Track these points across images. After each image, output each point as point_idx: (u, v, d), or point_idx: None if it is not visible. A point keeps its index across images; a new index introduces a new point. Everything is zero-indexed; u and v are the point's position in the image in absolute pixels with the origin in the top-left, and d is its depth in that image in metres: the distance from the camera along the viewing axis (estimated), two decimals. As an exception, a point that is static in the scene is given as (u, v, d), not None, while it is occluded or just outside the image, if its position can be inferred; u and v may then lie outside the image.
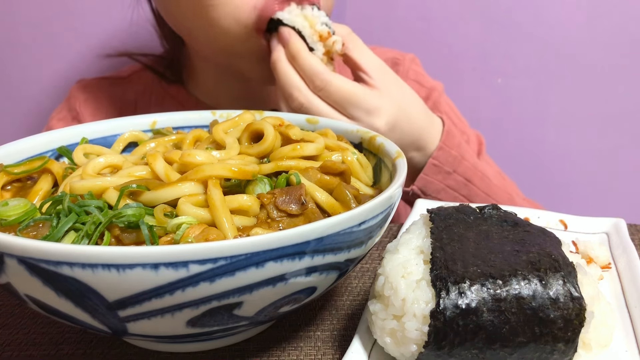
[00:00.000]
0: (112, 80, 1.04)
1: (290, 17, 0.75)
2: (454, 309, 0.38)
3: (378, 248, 0.67)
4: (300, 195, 0.45)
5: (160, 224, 0.42)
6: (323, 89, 0.72)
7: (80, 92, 1.01)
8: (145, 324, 0.38)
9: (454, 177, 0.83)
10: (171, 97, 0.99)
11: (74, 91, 1.02)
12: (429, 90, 1.01)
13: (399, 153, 0.53)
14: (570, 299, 0.38)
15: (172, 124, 0.66)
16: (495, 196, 0.87)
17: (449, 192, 0.83)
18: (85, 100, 0.99)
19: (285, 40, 0.74)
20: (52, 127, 0.99)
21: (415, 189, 0.82)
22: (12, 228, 0.44)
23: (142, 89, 1.02)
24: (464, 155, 0.84)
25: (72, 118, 0.99)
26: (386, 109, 0.74)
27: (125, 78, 1.04)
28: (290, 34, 0.74)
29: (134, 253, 0.33)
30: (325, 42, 0.76)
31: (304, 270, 0.38)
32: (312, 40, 0.75)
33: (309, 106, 0.72)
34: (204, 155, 0.48)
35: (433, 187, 0.82)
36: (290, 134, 0.53)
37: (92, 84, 1.02)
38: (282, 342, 0.50)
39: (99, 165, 0.50)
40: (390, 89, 0.76)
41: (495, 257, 0.40)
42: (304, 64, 0.72)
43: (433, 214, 0.46)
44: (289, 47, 0.73)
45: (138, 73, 1.04)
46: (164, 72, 1.01)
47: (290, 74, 0.73)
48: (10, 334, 0.51)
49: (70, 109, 1.00)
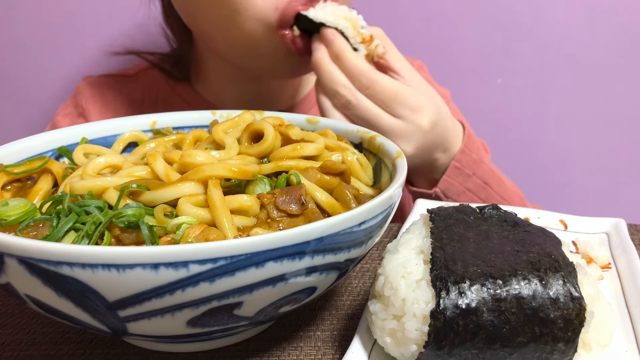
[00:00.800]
0: (118, 77, 1.03)
1: (330, 18, 0.75)
2: (454, 309, 0.38)
3: (378, 248, 0.67)
4: (300, 195, 0.45)
5: (160, 224, 0.42)
6: (369, 87, 0.72)
7: (86, 89, 1.00)
8: (145, 324, 0.38)
9: (473, 180, 0.83)
10: (178, 95, 0.99)
11: (81, 88, 1.01)
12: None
13: (398, 153, 0.53)
14: (570, 299, 0.38)
15: (172, 124, 0.66)
16: (510, 200, 0.88)
17: (468, 195, 0.83)
18: (92, 97, 0.99)
19: (329, 40, 0.74)
20: (57, 122, 0.99)
21: (438, 191, 0.82)
22: (12, 228, 0.44)
23: (149, 87, 1.01)
24: (482, 158, 0.85)
25: (78, 115, 0.98)
26: (428, 108, 0.74)
27: (132, 76, 1.03)
28: (335, 34, 0.74)
29: (134, 253, 0.33)
30: (368, 46, 0.76)
31: (304, 270, 0.38)
32: (355, 41, 0.76)
33: (357, 104, 0.72)
34: (204, 155, 0.48)
35: (454, 190, 0.83)
36: (290, 134, 0.53)
37: (99, 81, 1.02)
38: (282, 342, 0.50)
39: (99, 165, 0.50)
40: (425, 90, 0.77)
41: (495, 257, 0.40)
42: (350, 63, 0.73)
43: (433, 214, 0.46)
44: (334, 46, 0.74)
45: (145, 71, 1.03)
46: (171, 71, 1.00)
47: (335, 72, 0.73)
48: (10, 334, 0.51)
49: (76, 105, 0.99)
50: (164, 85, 1.00)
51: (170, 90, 1.00)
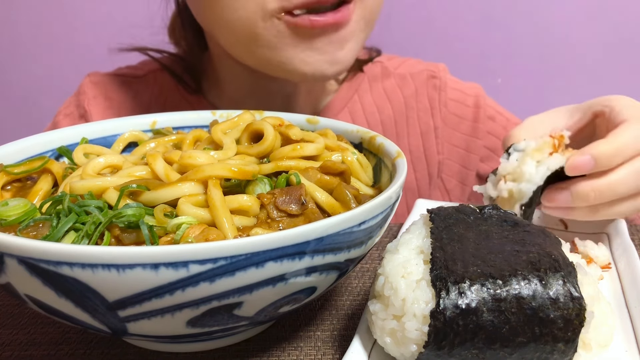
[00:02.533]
0: (125, 78, 0.96)
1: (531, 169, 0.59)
2: (454, 309, 0.38)
3: (378, 248, 0.67)
4: (300, 195, 0.45)
5: (160, 224, 0.42)
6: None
7: (90, 88, 0.94)
8: (145, 324, 0.38)
9: None
10: (189, 104, 0.92)
11: (84, 86, 0.95)
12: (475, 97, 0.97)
13: (399, 153, 0.53)
14: (570, 299, 0.38)
15: (172, 124, 0.66)
16: None
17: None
18: (95, 98, 0.92)
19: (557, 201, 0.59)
20: (58, 122, 0.93)
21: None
22: (12, 228, 0.44)
23: (157, 92, 0.94)
24: None
25: (80, 116, 0.93)
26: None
27: (140, 77, 0.95)
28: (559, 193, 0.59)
29: (134, 253, 0.33)
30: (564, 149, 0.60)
31: (304, 270, 0.38)
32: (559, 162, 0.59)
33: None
34: (205, 157, 0.48)
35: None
36: (290, 134, 0.53)
37: (104, 81, 0.95)
38: (282, 342, 0.50)
39: (99, 165, 0.50)
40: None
41: (495, 257, 0.40)
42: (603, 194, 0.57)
43: (433, 214, 0.46)
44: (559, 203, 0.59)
45: (154, 73, 0.95)
46: (182, 76, 0.93)
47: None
48: (10, 334, 0.51)
49: (78, 106, 0.93)
50: (173, 91, 0.93)
51: (181, 97, 0.92)
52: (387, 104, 0.96)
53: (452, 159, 0.97)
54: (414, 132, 0.96)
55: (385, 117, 0.95)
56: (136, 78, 0.96)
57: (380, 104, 0.96)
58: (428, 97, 0.97)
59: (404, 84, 0.98)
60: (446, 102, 0.97)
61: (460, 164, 0.97)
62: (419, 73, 0.98)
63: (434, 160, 0.96)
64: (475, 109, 0.96)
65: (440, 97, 0.97)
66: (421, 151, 0.96)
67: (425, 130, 0.96)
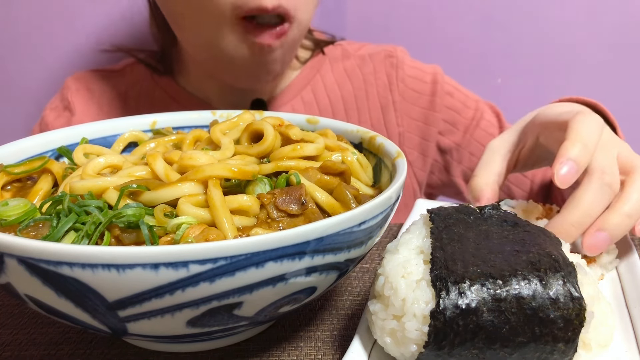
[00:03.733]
0: (105, 72, 1.06)
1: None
2: (454, 309, 0.38)
3: (378, 248, 0.67)
4: (300, 195, 0.45)
5: (160, 224, 0.42)
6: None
7: (73, 83, 1.03)
8: (145, 324, 0.38)
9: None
10: (161, 89, 1.01)
11: (68, 82, 1.04)
12: (433, 74, 1.02)
13: (398, 153, 0.53)
14: (570, 299, 0.38)
15: (172, 124, 0.66)
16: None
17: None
18: (77, 90, 1.02)
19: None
20: (45, 116, 1.01)
21: None
22: (12, 228, 0.44)
23: (133, 82, 1.04)
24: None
25: (64, 108, 1.01)
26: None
27: (118, 71, 1.06)
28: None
29: (134, 253, 0.33)
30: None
31: (304, 270, 0.38)
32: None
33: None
34: (205, 157, 0.48)
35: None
36: (290, 134, 0.53)
37: (85, 76, 1.05)
38: (282, 342, 0.50)
39: (99, 165, 0.50)
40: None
41: (495, 257, 0.40)
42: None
43: (433, 214, 0.46)
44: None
45: (131, 66, 1.06)
46: (156, 66, 1.03)
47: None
48: (10, 334, 0.51)
49: (62, 99, 1.02)
50: (147, 80, 1.03)
51: (154, 83, 1.02)
52: (347, 81, 1.03)
53: (412, 132, 1.03)
54: (374, 106, 1.02)
55: (346, 92, 1.02)
56: (114, 72, 1.06)
57: (341, 81, 1.02)
58: (386, 74, 1.03)
59: (363, 64, 1.04)
60: (404, 78, 1.02)
61: (420, 136, 1.03)
62: (377, 53, 1.05)
63: (394, 132, 1.03)
64: (432, 85, 1.02)
65: (397, 74, 1.03)
66: (382, 124, 1.02)
67: (384, 104, 1.02)
